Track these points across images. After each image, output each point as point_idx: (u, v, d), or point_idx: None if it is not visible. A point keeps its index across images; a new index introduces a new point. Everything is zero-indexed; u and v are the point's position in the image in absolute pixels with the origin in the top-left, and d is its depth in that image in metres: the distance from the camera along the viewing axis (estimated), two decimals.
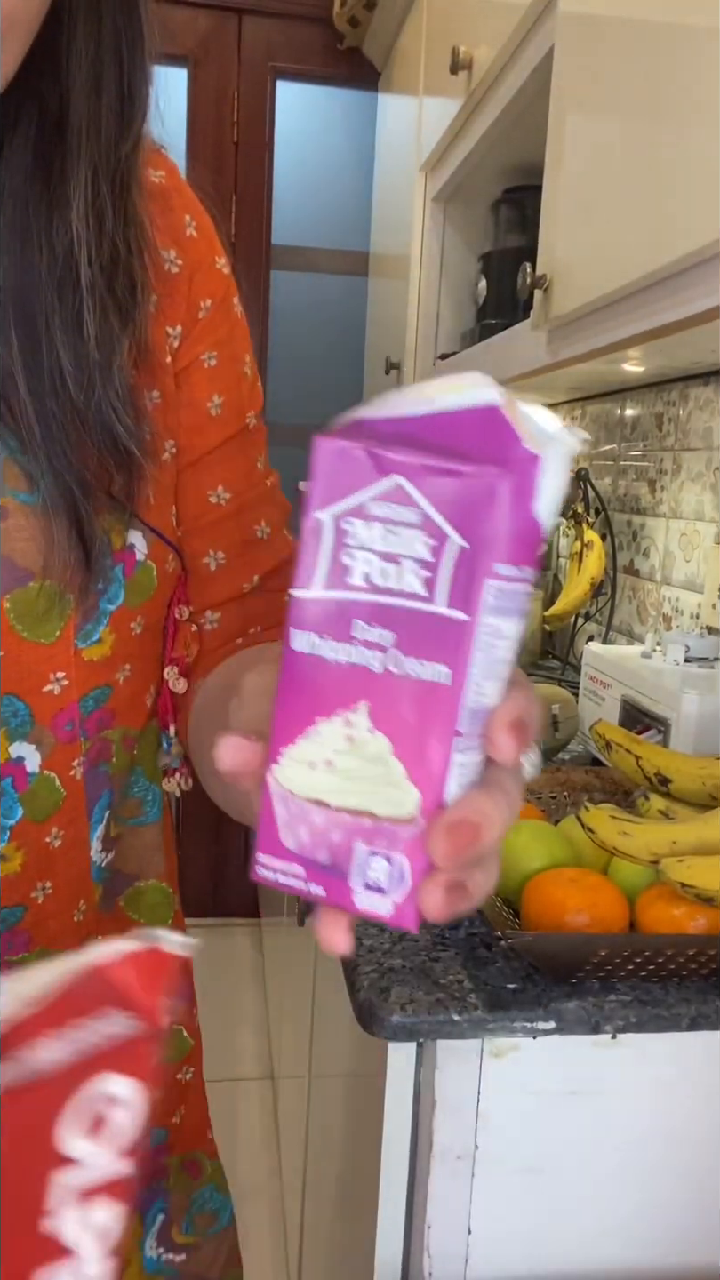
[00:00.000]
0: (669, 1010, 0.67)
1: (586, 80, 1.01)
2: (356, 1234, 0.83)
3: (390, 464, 0.26)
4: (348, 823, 0.27)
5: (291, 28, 2.44)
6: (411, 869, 0.27)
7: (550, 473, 0.26)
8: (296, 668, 0.28)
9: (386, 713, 0.27)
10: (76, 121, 0.43)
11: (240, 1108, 2.02)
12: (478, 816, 0.27)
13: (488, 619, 0.26)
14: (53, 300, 0.44)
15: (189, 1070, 0.64)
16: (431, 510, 0.26)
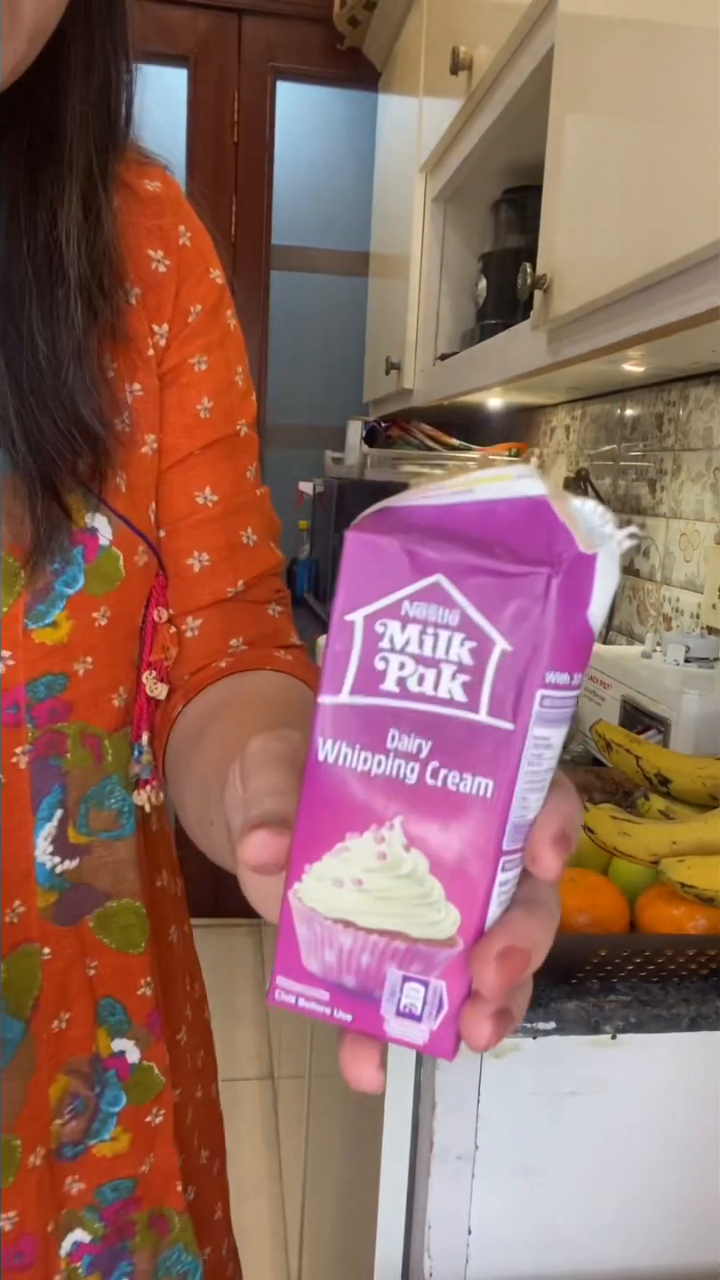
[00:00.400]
0: (669, 1010, 0.67)
1: (586, 80, 1.01)
2: (356, 1234, 0.83)
3: (429, 562, 0.24)
4: (379, 945, 0.26)
5: (291, 28, 2.44)
6: (449, 994, 0.25)
7: (603, 574, 0.24)
8: (323, 779, 0.26)
9: (423, 828, 0.25)
10: (68, 128, 0.46)
11: (240, 1107, 2.02)
12: (527, 942, 0.25)
13: (536, 729, 0.24)
14: (34, 287, 0.46)
15: (159, 1113, 0.58)
16: (474, 612, 0.24)
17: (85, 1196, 0.55)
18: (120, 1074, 0.56)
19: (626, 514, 1.63)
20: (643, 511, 1.57)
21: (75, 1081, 0.54)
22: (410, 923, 0.25)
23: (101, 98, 0.48)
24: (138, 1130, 0.57)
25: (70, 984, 0.54)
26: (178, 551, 0.56)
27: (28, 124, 0.46)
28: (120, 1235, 0.57)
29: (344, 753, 0.25)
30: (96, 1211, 0.55)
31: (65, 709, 0.51)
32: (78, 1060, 0.54)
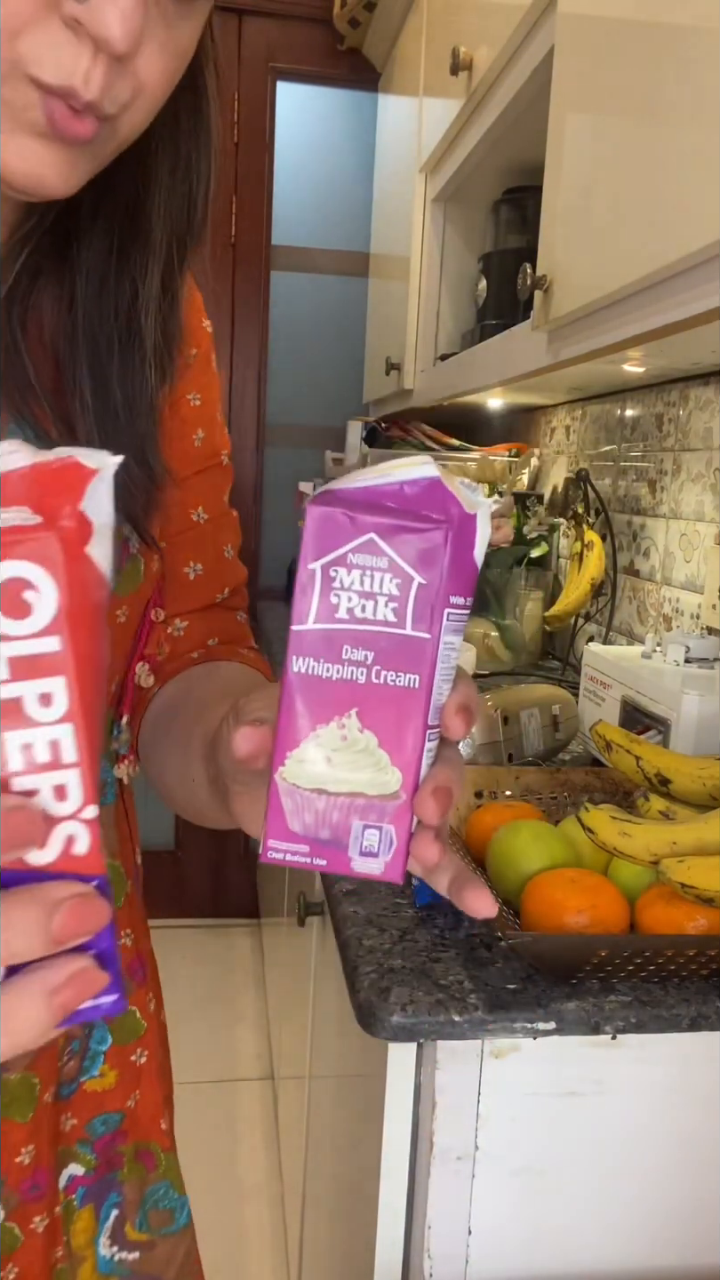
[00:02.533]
0: (669, 1010, 0.67)
1: (586, 80, 1.01)
2: (356, 1234, 0.83)
3: (365, 524, 0.33)
4: (345, 804, 0.34)
5: (291, 28, 2.44)
6: (397, 835, 0.35)
7: (481, 526, 0.34)
8: (297, 686, 0.34)
9: (372, 715, 0.34)
10: (153, 217, 0.54)
11: (240, 1108, 2.02)
12: (449, 783, 0.35)
13: (445, 637, 0.34)
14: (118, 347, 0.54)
15: (143, 1053, 0.63)
16: (397, 558, 0.33)
17: (78, 1131, 0.60)
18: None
19: (626, 514, 1.64)
20: (643, 512, 1.57)
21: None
22: (367, 785, 0.34)
23: (185, 197, 0.55)
24: (124, 1068, 0.62)
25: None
26: (176, 561, 0.64)
27: (118, 208, 0.53)
28: (110, 1166, 0.61)
29: (311, 665, 0.34)
30: (88, 1144, 0.60)
31: None
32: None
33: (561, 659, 1.87)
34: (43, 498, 0.26)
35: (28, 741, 0.26)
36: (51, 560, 0.25)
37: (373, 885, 0.83)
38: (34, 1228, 0.57)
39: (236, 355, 2.57)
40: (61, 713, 0.26)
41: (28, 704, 0.26)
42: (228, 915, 2.78)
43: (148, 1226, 0.64)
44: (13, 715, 0.26)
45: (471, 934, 0.76)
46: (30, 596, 0.25)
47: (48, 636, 0.26)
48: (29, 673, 0.26)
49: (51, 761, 0.26)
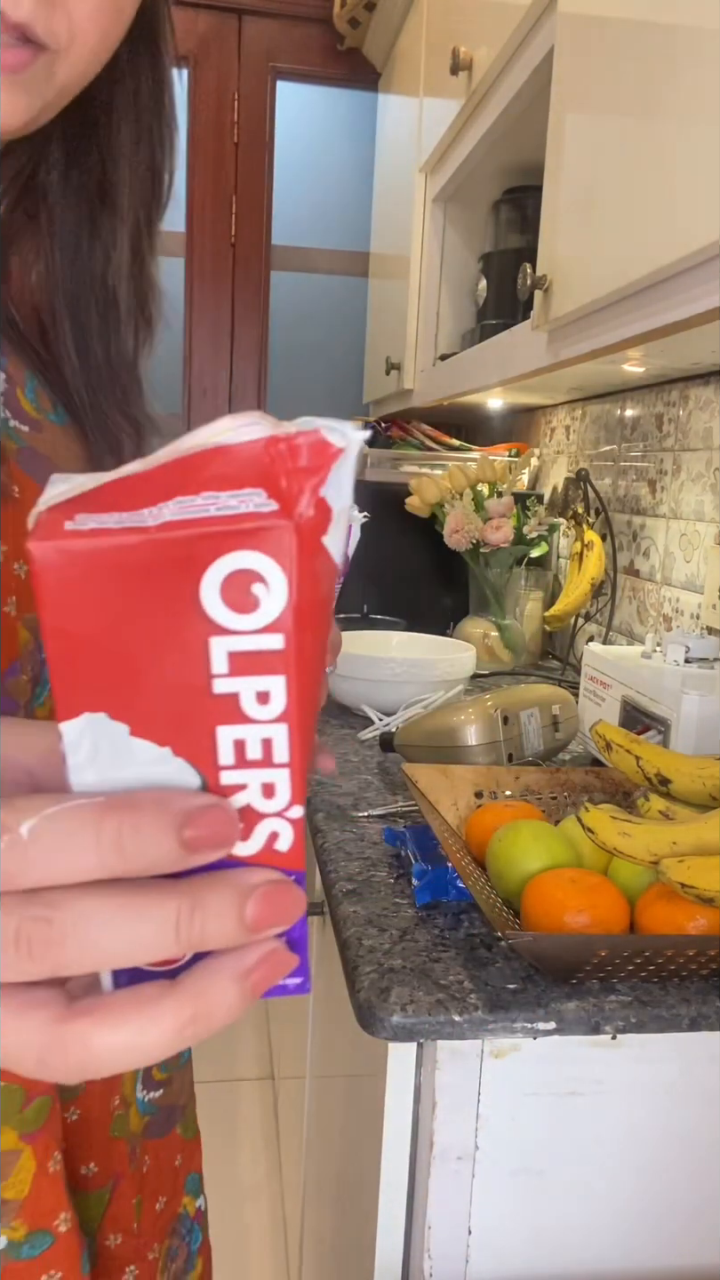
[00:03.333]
0: (669, 1010, 0.67)
1: (586, 80, 1.01)
2: (356, 1234, 0.83)
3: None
4: None
5: (291, 28, 2.44)
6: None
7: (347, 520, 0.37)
8: None
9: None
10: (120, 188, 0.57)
11: (240, 1108, 2.02)
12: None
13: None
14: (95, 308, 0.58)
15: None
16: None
17: None
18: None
19: (626, 514, 1.64)
20: (643, 512, 1.57)
21: None
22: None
23: (149, 167, 0.59)
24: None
25: None
26: None
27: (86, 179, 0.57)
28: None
29: None
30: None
31: None
32: None
33: (561, 659, 1.87)
34: (281, 477, 0.24)
35: (240, 738, 0.25)
36: (286, 554, 0.23)
37: (373, 885, 0.83)
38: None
39: (236, 355, 2.57)
40: (278, 712, 0.25)
41: (244, 700, 0.24)
42: None
43: (166, 1066, 0.69)
44: (228, 711, 0.24)
45: (471, 934, 0.76)
46: (258, 590, 0.23)
47: (272, 634, 0.24)
48: (248, 669, 0.24)
49: (263, 759, 0.25)
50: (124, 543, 0.22)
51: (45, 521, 0.22)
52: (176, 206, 2.85)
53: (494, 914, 0.72)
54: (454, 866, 0.79)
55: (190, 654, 0.24)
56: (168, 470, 0.23)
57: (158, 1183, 0.72)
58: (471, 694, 1.19)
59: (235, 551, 0.23)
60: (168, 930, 0.24)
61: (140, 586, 0.23)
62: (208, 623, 0.23)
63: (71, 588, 0.22)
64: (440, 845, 0.82)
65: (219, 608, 0.23)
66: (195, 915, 0.24)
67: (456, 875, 0.80)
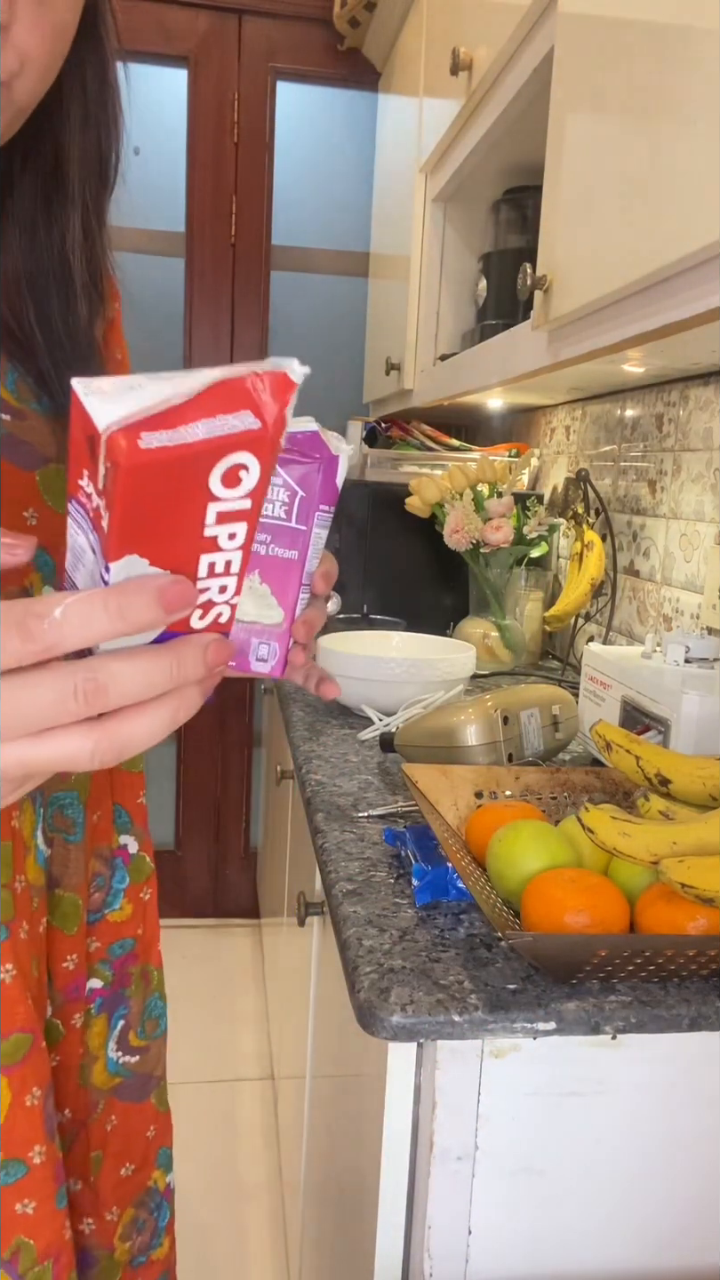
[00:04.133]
0: (669, 1010, 0.67)
1: (586, 80, 1.01)
2: (356, 1234, 0.83)
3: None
4: (247, 628, 0.49)
5: (291, 28, 2.44)
6: (280, 649, 0.49)
7: (342, 463, 0.48)
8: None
9: (268, 574, 0.48)
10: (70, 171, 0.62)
11: (240, 1108, 2.02)
12: (313, 619, 0.50)
13: (316, 529, 0.48)
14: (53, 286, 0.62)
15: (148, 891, 0.77)
16: (289, 479, 0.47)
17: (100, 952, 0.73)
18: (124, 861, 0.75)
19: (626, 514, 1.64)
20: (643, 512, 1.57)
21: (98, 863, 0.73)
22: (262, 617, 0.49)
23: (96, 150, 0.63)
24: (136, 903, 0.75)
25: (100, 791, 0.72)
26: None
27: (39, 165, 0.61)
28: (121, 983, 0.74)
29: None
30: (108, 964, 0.73)
31: None
32: (102, 847, 0.73)
33: (561, 659, 1.87)
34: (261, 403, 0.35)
35: (213, 561, 0.38)
36: (262, 452, 0.36)
37: (373, 885, 0.83)
38: (73, 1024, 0.71)
39: (236, 355, 2.57)
40: (240, 544, 0.38)
41: (220, 539, 0.37)
42: (228, 915, 2.78)
43: (145, 1034, 0.77)
44: (209, 546, 0.37)
45: (471, 934, 0.76)
46: (243, 474, 0.36)
47: (245, 500, 0.37)
48: (227, 520, 0.37)
49: (224, 571, 0.39)
50: (179, 453, 0.34)
51: (122, 437, 0.33)
52: (176, 206, 2.85)
53: (494, 914, 0.72)
54: (454, 866, 0.79)
55: (195, 514, 0.36)
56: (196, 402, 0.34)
57: (125, 1147, 0.76)
58: (471, 694, 1.19)
59: (235, 453, 0.35)
60: (167, 673, 0.37)
61: (181, 477, 0.34)
62: (210, 495, 0.36)
63: (145, 482, 0.34)
64: (440, 845, 0.82)
65: (219, 486, 0.36)
66: (180, 663, 0.37)
67: (456, 875, 0.80)
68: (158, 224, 2.51)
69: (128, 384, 0.34)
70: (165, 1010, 0.80)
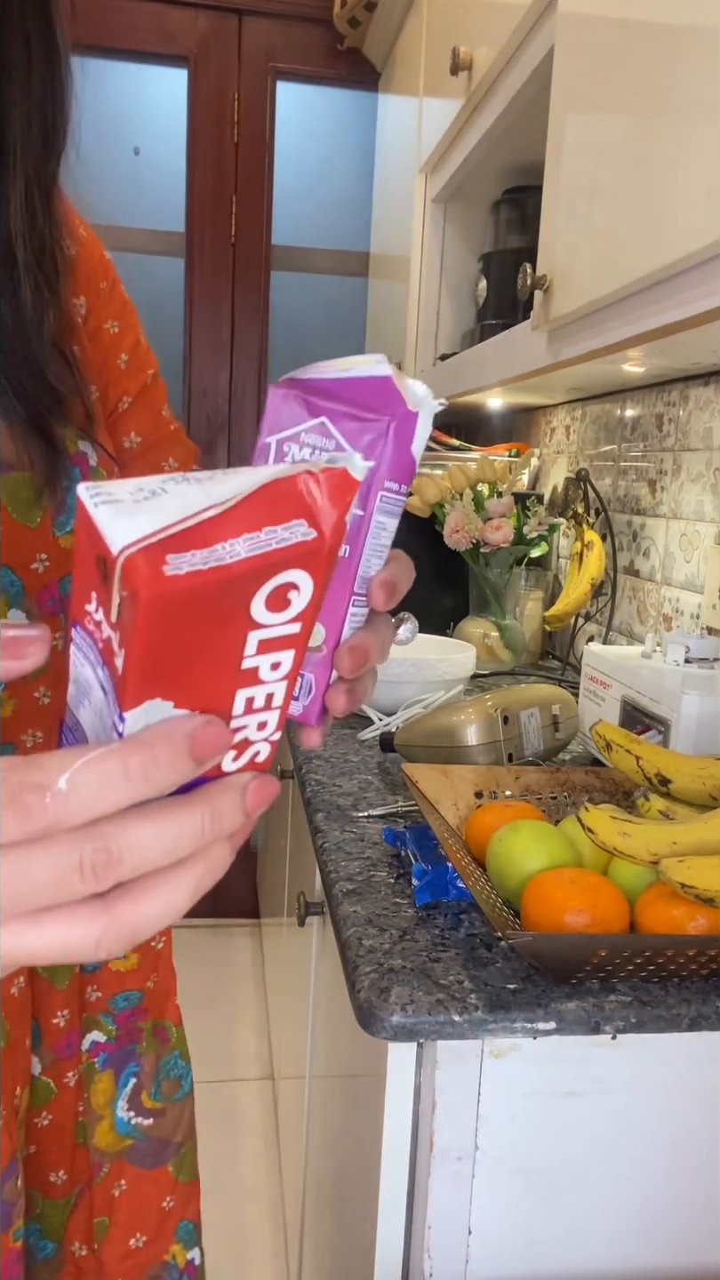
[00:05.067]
0: (669, 1010, 0.67)
1: (586, 80, 1.01)
2: (357, 1234, 0.83)
3: (319, 409, 0.36)
4: None
5: (291, 28, 2.44)
6: (316, 683, 0.38)
7: (422, 424, 0.36)
8: None
9: None
10: (11, 142, 0.56)
11: (240, 1108, 2.02)
12: (365, 645, 0.38)
13: (378, 516, 0.37)
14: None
15: (160, 940, 0.72)
16: (344, 441, 0.36)
17: (101, 1004, 0.67)
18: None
19: (626, 514, 1.64)
20: (643, 512, 1.57)
21: None
22: None
23: (40, 112, 0.56)
24: (144, 952, 0.69)
25: None
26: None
27: None
28: (130, 1039, 0.69)
29: None
30: (110, 1016, 0.68)
31: None
32: None
33: (561, 659, 1.87)
34: (316, 509, 0.30)
35: (252, 696, 0.31)
36: (318, 568, 0.30)
37: (373, 885, 0.83)
38: (66, 1082, 0.65)
39: (236, 355, 2.57)
40: (284, 674, 0.31)
41: (261, 670, 0.31)
42: (228, 915, 2.78)
43: (161, 1095, 0.71)
44: (248, 679, 0.31)
45: (471, 933, 0.76)
46: (293, 595, 0.30)
47: (294, 624, 0.30)
48: (271, 649, 0.30)
49: (264, 706, 0.32)
50: (214, 578, 0.27)
51: (142, 561, 0.26)
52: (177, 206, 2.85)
53: (494, 914, 0.72)
54: (454, 866, 0.79)
55: (233, 646, 0.29)
56: (236, 511, 0.28)
57: (135, 1216, 0.70)
58: (471, 694, 1.19)
59: (284, 571, 0.29)
60: (198, 832, 0.30)
61: (217, 606, 0.28)
62: (252, 623, 0.29)
63: (171, 615, 0.27)
64: (440, 845, 0.82)
65: (263, 612, 0.29)
66: (214, 817, 0.30)
67: (456, 875, 0.80)
68: (158, 224, 2.51)
69: (148, 488, 0.28)
70: (189, 1071, 0.74)
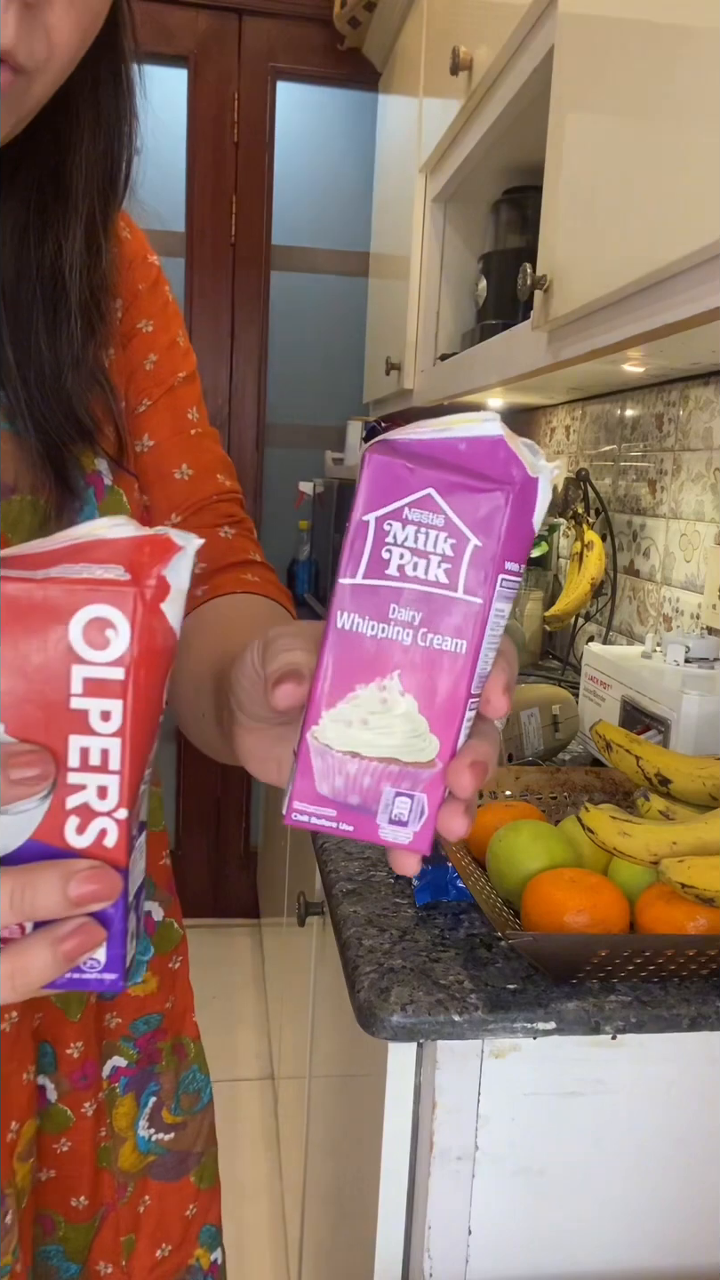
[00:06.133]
0: (669, 1010, 0.67)
1: (586, 80, 1.01)
2: (357, 1234, 0.83)
3: (425, 478, 0.33)
4: (378, 770, 0.34)
5: (291, 28, 2.44)
6: (429, 804, 0.34)
7: (543, 491, 0.33)
8: (340, 642, 0.34)
9: (414, 678, 0.33)
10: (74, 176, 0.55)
11: (240, 1108, 2.02)
12: (486, 758, 0.34)
13: (497, 604, 0.33)
14: (40, 304, 0.55)
15: (178, 959, 0.71)
16: (455, 517, 0.32)
17: (122, 1029, 0.67)
18: (148, 927, 0.68)
19: (626, 514, 1.63)
20: (643, 512, 1.57)
21: None
22: (403, 750, 0.34)
23: (106, 156, 0.57)
24: (163, 974, 0.69)
25: None
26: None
27: (39, 166, 0.54)
28: (150, 1060, 0.69)
29: (356, 621, 0.34)
30: (131, 1041, 0.67)
31: None
32: None
33: (561, 659, 1.87)
34: (137, 561, 0.31)
35: (86, 746, 0.32)
36: (130, 609, 0.31)
37: (373, 885, 0.83)
38: (84, 1111, 0.64)
39: (237, 355, 2.57)
40: (115, 728, 0.32)
41: (91, 717, 0.32)
42: (228, 915, 2.78)
43: (180, 1110, 0.71)
44: (79, 723, 0.32)
45: (471, 934, 0.76)
46: (110, 634, 0.31)
47: (116, 668, 0.31)
48: (97, 692, 0.31)
49: (101, 766, 0.32)
50: (25, 586, 0.30)
51: None
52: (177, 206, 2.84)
53: (494, 914, 0.72)
54: (454, 866, 0.79)
55: (58, 676, 0.31)
56: (63, 550, 0.31)
57: (160, 1228, 0.71)
58: None
59: (94, 604, 0.31)
60: (4, 903, 0.30)
61: (30, 619, 0.31)
62: (72, 653, 0.31)
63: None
64: (440, 845, 0.82)
65: (80, 644, 0.31)
66: (27, 892, 0.30)
67: (456, 875, 0.80)
68: (158, 224, 2.51)
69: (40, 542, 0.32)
70: (208, 1083, 0.75)
